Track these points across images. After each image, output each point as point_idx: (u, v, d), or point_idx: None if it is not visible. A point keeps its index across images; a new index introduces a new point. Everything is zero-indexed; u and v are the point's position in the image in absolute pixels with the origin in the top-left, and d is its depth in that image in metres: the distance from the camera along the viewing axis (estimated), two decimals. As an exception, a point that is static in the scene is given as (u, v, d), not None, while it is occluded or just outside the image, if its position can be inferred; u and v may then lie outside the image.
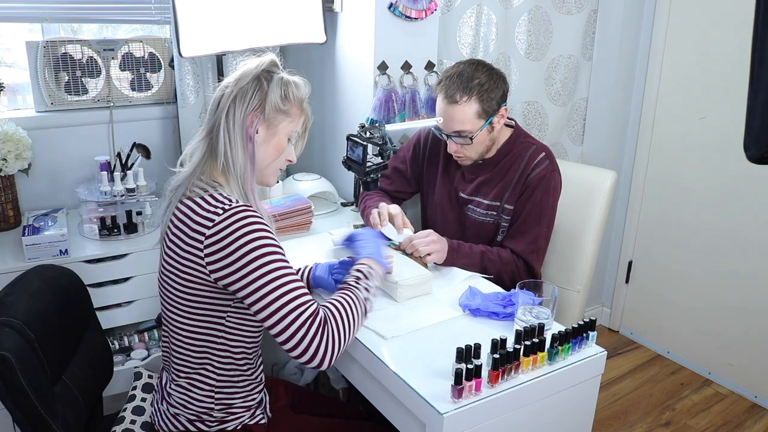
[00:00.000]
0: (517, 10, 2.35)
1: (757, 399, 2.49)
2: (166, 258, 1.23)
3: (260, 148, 1.27)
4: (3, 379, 1.11)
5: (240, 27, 1.89)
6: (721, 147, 2.46)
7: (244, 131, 1.22)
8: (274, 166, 1.31)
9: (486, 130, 1.66)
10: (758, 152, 1.11)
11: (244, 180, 1.23)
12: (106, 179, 1.89)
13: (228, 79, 1.26)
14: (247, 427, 1.33)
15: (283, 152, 1.31)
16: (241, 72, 1.25)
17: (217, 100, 1.25)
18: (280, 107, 1.25)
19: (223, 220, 1.14)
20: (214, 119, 1.24)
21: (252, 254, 1.13)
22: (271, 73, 1.26)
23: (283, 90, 1.25)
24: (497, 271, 1.65)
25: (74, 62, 1.99)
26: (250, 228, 1.14)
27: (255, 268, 1.13)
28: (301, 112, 1.31)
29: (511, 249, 1.69)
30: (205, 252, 1.15)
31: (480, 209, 1.76)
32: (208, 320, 1.24)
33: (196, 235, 1.16)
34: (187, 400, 1.29)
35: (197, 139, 1.27)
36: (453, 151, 1.71)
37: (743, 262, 2.46)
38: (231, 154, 1.22)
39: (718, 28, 2.42)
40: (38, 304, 1.28)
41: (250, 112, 1.23)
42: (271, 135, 1.27)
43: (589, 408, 1.34)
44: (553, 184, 1.69)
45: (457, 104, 1.61)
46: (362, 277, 1.29)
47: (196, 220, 1.17)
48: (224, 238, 1.14)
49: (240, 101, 1.22)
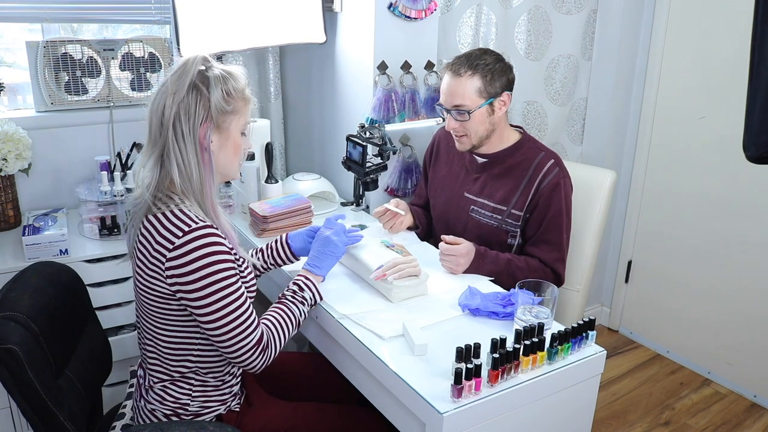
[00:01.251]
0: (517, 9, 2.36)
1: (756, 398, 2.50)
2: (137, 272, 1.25)
3: (218, 154, 1.27)
4: (11, 372, 1.14)
5: (240, 27, 1.89)
6: (720, 147, 2.46)
7: (196, 146, 1.21)
8: (236, 162, 1.32)
9: (485, 110, 1.67)
10: (757, 152, 1.11)
11: (202, 195, 1.24)
12: (106, 179, 1.89)
13: (164, 88, 1.21)
14: (220, 417, 1.36)
15: (241, 148, 1.31)
16: (174, 83, 1.20)
17: (159, 116, 1.21)
18: (226, 109, 1.23)
19: (184, 244, 1.16)
20: (162, 141, 1.21)
21: (210, 278, 1.17)
22: (205, 74, 1.22)
23: (223, 89, 1.22)
24: (525, 278, 1.64)
25: (74, 62, 1.99)
26: (208, 250, 1.17)
27: (211, 292, 1.18)
28: (246, 102, 1.28)
29: (538, 258, 1.70)
30: (166, 267, 1.18)
31: (485, 211, 1.76)
32: (184, 329, 1.27)
33: (158, 255, 1.18)
34: (164, 397, 1.32)
35: (148, 161, 1.24)
36: (452, 128, 1.72)
37: (743, 262, 2.46)
38: (186, 172, 1.21)
39: (718, 28, 2.42)
40: (40, 299, 1.31)
41: (200, 125, 1.21)
42: (225, 138, 1.27)
43: (588, 407, 1.35)
44: (565, 191, 1.70)
45: (460, 77, 1.65)
46: (298, 291, 1.38)
47: (157, 239, 1.18)
48: (184, 257, 1.16)
49: (185, 117, 1.19)
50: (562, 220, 1.70)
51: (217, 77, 1.22)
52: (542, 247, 1.70)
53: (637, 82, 2.74)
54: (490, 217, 1.75)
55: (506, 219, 1.73)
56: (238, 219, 1.99)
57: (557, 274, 1.71)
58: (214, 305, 1.19)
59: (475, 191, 1.79)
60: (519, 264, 1.67)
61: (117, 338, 1.87)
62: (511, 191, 1.72)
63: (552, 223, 1.69)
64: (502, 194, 1.73)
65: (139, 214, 1.24)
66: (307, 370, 1.65)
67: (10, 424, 1.77)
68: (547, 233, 1.70)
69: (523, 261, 1.69)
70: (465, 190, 1.81)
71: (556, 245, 1.70)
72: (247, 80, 1.30)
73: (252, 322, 1.24)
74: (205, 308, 1.19)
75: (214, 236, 1.19)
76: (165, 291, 1.22)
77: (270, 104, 2.29)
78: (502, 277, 1.63)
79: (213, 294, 1.18)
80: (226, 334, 1.21)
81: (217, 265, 1.18)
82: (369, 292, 1.50)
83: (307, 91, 2.33)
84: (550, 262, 1.69)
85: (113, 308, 1.87)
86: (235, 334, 1.21)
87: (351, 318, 1.36)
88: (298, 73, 2.34)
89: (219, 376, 1.35)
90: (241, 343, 1.22)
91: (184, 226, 1.17)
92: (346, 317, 1.37)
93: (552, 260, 1.69)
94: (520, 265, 1.67)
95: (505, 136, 1.76)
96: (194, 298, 1.18)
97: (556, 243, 1.70)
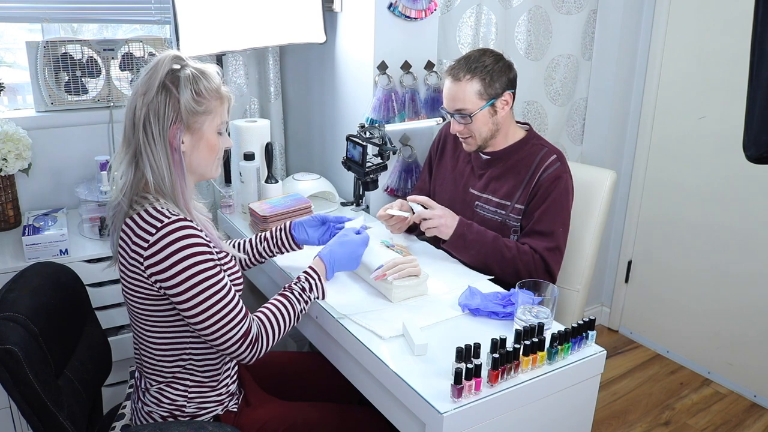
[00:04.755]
0: (517, 9, 2.36)
1: (756, 398, 2.50)
2: (121, 275, 1.25)
3: (191, 155, 1.25)
4: (10, 372, 1.14)
5: (240, 27, 1.89)
6: (720, 146, 2.46)
7: (167, 148, 1.19)
8: (212, 162, 1.29)
9: (487, 112, 1.68)
10: (757, 152, 1.11)
11: (175, 195, 1.22)
12: (106, 179, 1.89)
13: (136, 87, 1.19)
14: (218, 417, 1.36)
15: (217, 148, 1.28)
16: (144, 83, 1.18)
17: (131, 116, 1.19)
18: (197, 109, 1.20)
19: (159, 240, 1.15)
20: (135, 142, 1.20)
21: (188, 270, 1.16)
22: (176, 73, 1.19)
23: (193, 89, 1.19)
24: (513, 258, 1.65)
25: (74, 62, 1.99)
26: (183, 243, 1.16)
27: (192, 285, 1.17)
28: (222, 102, 1.25)
29: (529, 245, 1.69)
30: (145, 265, 1.17)
31: (489, 206, 1.77)
32: (173, 329, 1.27)
33: (136, 255, 1.18)
34: (160, 399, 1.32)
35: (121, 162, 1.23)
36: (457, 131, 1.74)
37: (743, 262, 2.46)
38: (158, 173, 1.20)
39: (718, 28, 2.42)
40: (40, 300, 1.31)
41: (169, 126, 1.18)
42: (197, 139, 1.24)
43: (588, 407, 1.35)
44: (565, 185, 1.70)
45: (460, 82, 1.66)
46: (306, 290, 1.37)
47: (134, 240, 1.18)
48: (160, 252, 1.15)
49: (154, 119, 1.17)
50: (558, 212, 1.69)
51: (188, 77, 1.19)
52: (534, 237, 1.70)
53: (637, 81, 2.74)
54: (494, 212, 1.76)
55: (510, 214, 1.73)
56: (238, 219, 1.99)
57: (546, 263, 1.68)
58: (195, 298, 1.17)
59: (480, 187, 1.80)
60: (507, 243, 1.67)
61: (117, 338, 1.87)
62: (514, 187, 1.73)
63: (546, 214, 1.68)
64: (506, 190, 1.74)
65: (119, 217, 1.23)
66: (307, 370, 1.65)
67: (10, 424, 1.77)
68: (539, 223, 1.69)
69: (512, 241, 1.69)
70: (470, 185, 1.82)
71: (548, 235, 1.68)
72: (222, 78, 1.26)
73: (237, 313, 1.22)
74: (187, 302, 1.17)
75: (188, 228, 1.17)
76: (149, 291, 1.21)
77: (270, 104, 2.29)
78: (489, 254, 1.64)
79: (194, 287, 1.17)
80: (211, 326, 1.19)
81: (194, 258, 1.16)
82: (369, 292, 1.50)
83: (307, 91, 2.33)
84: (541, 250, 1.68)
85: (113, 308, 1.87)
86: (221, 326, 1.19)
87: (351, 318, 1.36)
88: (298, 73, 2.34)
89: (214, 376, 1.34)
90: (228, 335, 1.20)
91: (157, 222, 1.16)
92: (346, 317, 1.37)
93: (542, 248, 1.68)
94: (508, 244, 1.67)
95: (510, 133, 1.77)
96: (176, 293, 1.17)
97: (549, 233, 1.68)
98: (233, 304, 1.22)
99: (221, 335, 1.20)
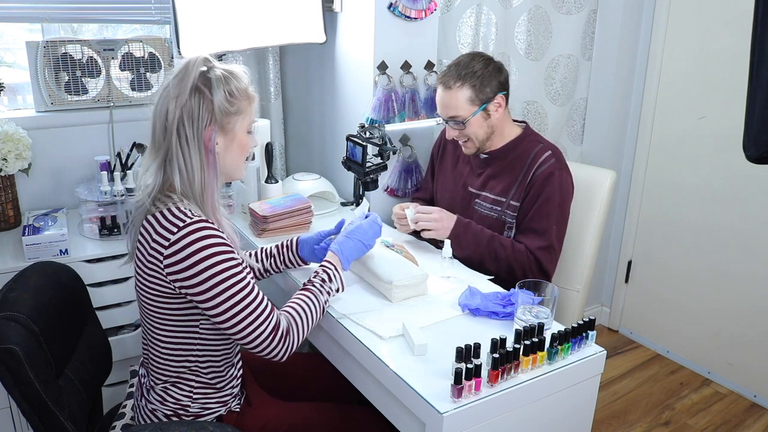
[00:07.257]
0: (517, 9, 2.36)
1: (756, 398, 2.50)
2: (137, 272, 1.25)
3: (224, 156, 1.26)
4: (11, 372, 1.14)
5: (240, 27, 1.89)
6: (720, 146, 2.46)
7: (201, 150, 1.20)
8: (242, 162, 1.31)
9: (480, 116, 1.70)
10: (758, 152, 1.11)
11: (203, 198, 1.22)
12: (106, 179, 1.89)
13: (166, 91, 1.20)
14: (220, 418, 1.36)
15: (247, 147, 1.30)
16: (176, 87, 1.19)
17: (162, 120, 1.19)
18: (230, 110, 1.22)
19: (180, 239, 1.15)
20: (166, 145, 1.20)
21: (210, 270, 1.15)
22: (207, 76, 1.20)
23: (225, 90, 1.20)
24: (507, 258, 1.66)
25: (74, 62, 1.99)
26: (205, 243, 1.15)
27: (215, 284, 1.16)
28: (250, 101, 1.27)
29: (524, 245, 1.70)
30: (165, 264, 1.17)
31: (486, 203, 1.79)
32: (183, 329, 1.27)
33: (156, 253, 1.17)
34: (165, 398, 1.32)
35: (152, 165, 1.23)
36: (453, 136, 1.77)
37: (743, 262, 2.46)
38: (188, 176, 1.20)
39: (717, 28, 2.42)
40: (41, 300, 1.31)
41: (204, 128, 1.20)
42: (230, 140, 1.25)
43: (588, 407, 1.35)
44: (560, 182, 1.69)
45: (450, 90, 1.68)
46: (326, 280, 1.36)
47: (154, 237, 1.18)
48: (181, 252, 1.15)
49: (188, 122, 1.18)
50: (552, 209, 1.69)
51: (219, 78, 1.21)
52: (527, 235, 1.70)
53: (637, 81, 2.74)
54: (491, 209, 1.77)
55: (505, 210, 1.75)
56: (238, 219, 1.99)
57: (540, 263, 1.68)
58: (219, 297, 1.16)
59: (478, 185, 1.82)
60: (503, 242, 1.68)
61: (117, 338, 1.87)
62: (510, 183, 1.74)
63: (540, 212, 1.69)
64: (502, 187, 1.76)
65: (140, 216, 1.23)
66: (307, 370, 1.65)
67: (10, 424, 1.77)
68: (533, 221, 1.69)
69: (508, 241, 1.70)
70: (469, 184, 1.84)
71: (541, 234, 1.68)
72: (250, 78, 1.28)
73: (264, 308, 1.20)
74: (210, 301, 1.17)
75: (210, 229, 1.17)
76: (164, 290, 1.21)
77: (270, 104, 2.29)
78: (484, 255, 1.67)
79: (217, 285, 1.16)
80: (237, 324, 1.18)
81: (216, 257, 1.16)
82: (369, 291, 1.50)
83: (307, 91, 2.33)
84: (534, 250, 1.68)
85: (113, 308, 1.87)
86: (248, 323, 1.18)
87: (351, 318, 1.36)
88: (298, 73, 2.34)
89: (220, 377, 1.35)
90: (257, 331, 1.19)
91: (179, 222, 1.16)
92: (346, 317, 1.37)
93: (535, 248, 1.68)
94: (504, 243, 1.68)
95: (506, 132, 1.78)
96: (198, 292, 1.16)
97: (542, 232, 1.68)
98: (258, 300, 1.20)
99: (250, 332, 1.19)
